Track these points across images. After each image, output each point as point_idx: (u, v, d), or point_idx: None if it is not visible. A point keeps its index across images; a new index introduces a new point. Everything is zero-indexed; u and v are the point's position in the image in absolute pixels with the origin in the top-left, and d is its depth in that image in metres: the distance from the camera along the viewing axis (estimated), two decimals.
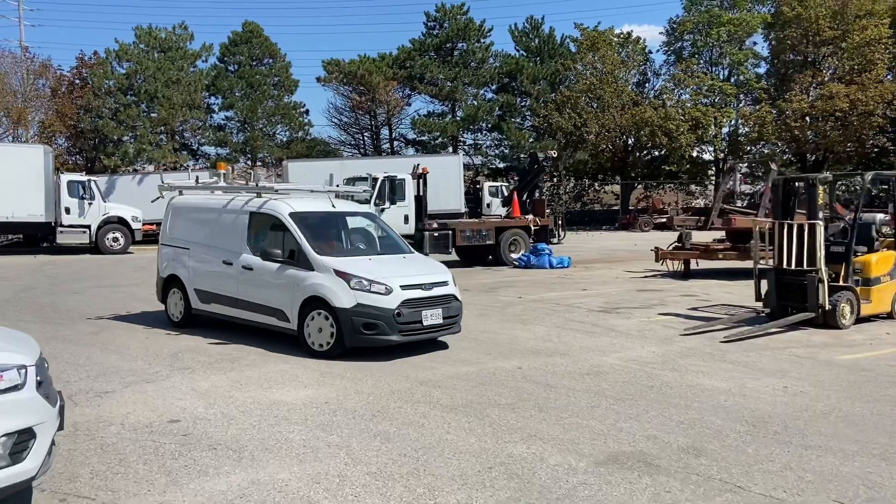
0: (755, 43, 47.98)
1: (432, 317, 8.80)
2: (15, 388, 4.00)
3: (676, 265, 17.35)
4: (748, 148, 44.38)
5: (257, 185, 10.82)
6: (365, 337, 8.54)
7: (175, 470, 5.10)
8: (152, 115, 44.41)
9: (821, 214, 10.34)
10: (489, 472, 4.98)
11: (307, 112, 50.01)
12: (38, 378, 4.20)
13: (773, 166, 16.99)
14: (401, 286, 8.69)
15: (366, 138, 52.61)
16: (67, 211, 26.47)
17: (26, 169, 25.92)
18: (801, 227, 10.33)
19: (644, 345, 9.32)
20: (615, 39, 47.83)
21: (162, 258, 11.39)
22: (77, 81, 46.24)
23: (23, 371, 4.07)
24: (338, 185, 11.88)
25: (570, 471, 4.98)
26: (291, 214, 9.50)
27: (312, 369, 8.08)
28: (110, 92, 44.34)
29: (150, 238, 29.72)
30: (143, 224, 27.99)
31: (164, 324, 11.00)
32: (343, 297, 8.58)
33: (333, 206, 10.22)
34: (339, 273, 8.76)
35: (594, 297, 13.90)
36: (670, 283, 15.96)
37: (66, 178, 27.35)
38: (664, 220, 39.72)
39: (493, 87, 50.66)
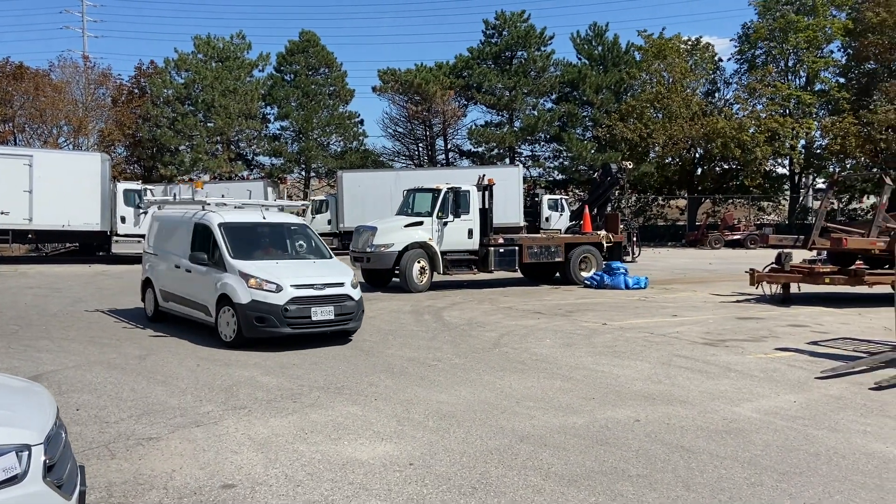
0: (832, 51, 45.45)
1: (322, 313, 9.91)
2: (13, 480, 2.84)
3: (774, 289, 15.63)
4: (828, 161, 41.81)
5: (194, 199, 12.86)
6: (259, 329, 9.66)
7: None
8: (209, 124, 44.30)
9: None
10: None
11: (362, 122, 49.41)
12: (48, 459, 3.03)
13: (888, 180, 15.15)
14: (292, 285, 9.80)
15: (420, 149, 51.67)
16: (123, 220, 26.09)
17: (83, 177, 25.64)
18: None
19: (777, 391, 7.81)
20: (683, 47, 45.85)
21: (143, 264, 13.09)
22: (136, 91, 46.51)
23: (24, 454, 2.90)
24: (277, 199, 13.90)
25: None
26: (220, 224, 10.82)
27: (388, 414, 6.83)
28: (168, 101, 44.41)
29: None
30: None
31: (215, 348, 9.99)
32: (241, 294, 9.78)
33: (264, 217, 11.56)
34: (242, 274, 9.99)
35: (690, 325, 12.36)
36: (771, 310, 14.28)
37: (122, 186, 27.02)
38: (737, 237, 37.55)
39: (554, 97, 49.08)
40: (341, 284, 10.26)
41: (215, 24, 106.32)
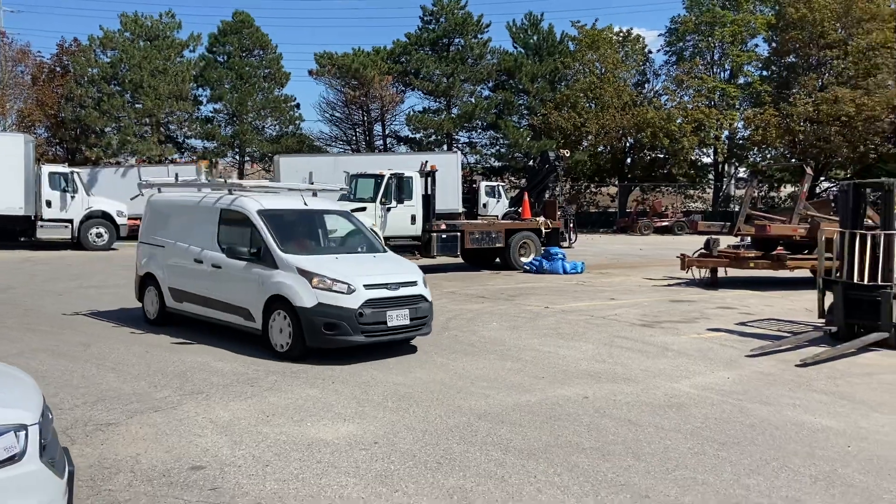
0: (756, 45, 47.49)
1: (398, 318, 8.58)
2: (12, 459, 2.89)
3: (702, 273, 16.42)
4: (751, 151, 43.79)
5: (226, 181, 10.82)
6: (327, 337, 8.28)
7: None
8: (137, 105, 42.81)
9: None
10: None
11: (298, 106, 48.69)
12: (42, 440, 3.09)
13: (808, 170, 16.10)
14: (364, 285, 8.45)
15: (358, 134, 51.33)
16: (48, 204, 25.10)
17: (5, 159, 24.49)
18: (874, 237, 9.40)
19: (711, 368, 8.33)
20: (615, 38, 46.99)
21: (140, 256, 11.24)
22: (58, 69, 44.52)
23: (22, 434, 2.96)
24: (312, 183, 11.53)
25: None
26: (260, 212, 9.28)
27: (347, 396, 6.98)
28: (93, 81, 42.65)
29: (136, 234, 28.41)
30: (129, 219, 26.66)
31: (163, 334, 9.87)
32: (304, 297, 8.34)
33: (305, 203, 9.98)
34: (301, 271, 8.52)
35: (627, 308, 12.91)
36: (701, 293, 15.01)
37: (47, 169, 25.94)
38: (665, 223, 38.96)
39: (490, 85, 49.53)
40: (414, 284, 8.92)
41: (143, 1, 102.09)
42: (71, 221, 25.24)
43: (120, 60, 42.91)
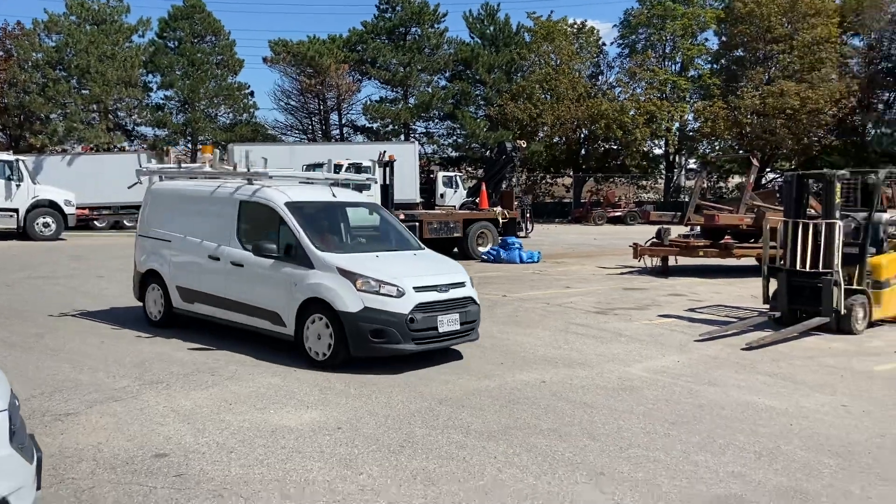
0: (706, 39, 48.60)
1: (449, 322, 7.78)
2: None
3: (654, 262, 16.86)
4: (700, 143, 44.87)
5: (249, 170, 9.47)
6: (374, 346, 7.49)
7: None
8: (84, 91, 41.64)
9: (837, 213, 9.83)
10: None
11: (252, 94, 47.99)
12: (12, 426, 3.12)
13: (755, 161, 16.64)
14: (414, 288, 7.64)
15: (314, 123, 50.88)
16: None
17: None
18: (815, 226, 9.83)
19: (662, 353, 8.64)
20: (569, 30, 47.52)
21: (140, 251, 10.20)
22: (0, 53, 43.01)
23: None
24: (338, 172, 10.72)
25: None
26: (287, 204, 8.38)
27: (310, 384, 7.05)
28: (38, 66, 41.32)
29: (84, 224, 27.76)
30: (78, 208, 26.03)
31: (117, 324, 9.78)
32: (348, 300, 7.49)
33: (334, 195, 9.11)
34: (343, 272, 7.66)
35: (582, 296, 13.21)
36: (652, 281, 15.42)
37: None
38: (618, 213, 39.72)
39: (447, 75, 49.64)
40: (462, 285, 8.17)
41: None
42: (16, 211, 24.49)
43: (66, 45, 41.66)
